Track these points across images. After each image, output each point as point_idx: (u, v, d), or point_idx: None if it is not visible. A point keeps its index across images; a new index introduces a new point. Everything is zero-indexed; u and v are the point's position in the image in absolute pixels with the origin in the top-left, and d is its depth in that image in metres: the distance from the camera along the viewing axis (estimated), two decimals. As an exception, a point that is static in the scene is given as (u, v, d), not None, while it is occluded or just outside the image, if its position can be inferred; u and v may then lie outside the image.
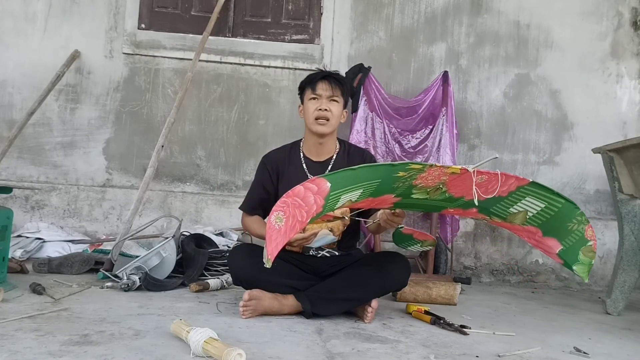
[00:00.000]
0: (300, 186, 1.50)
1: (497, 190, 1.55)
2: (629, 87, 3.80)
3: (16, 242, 2.95)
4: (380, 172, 1.52)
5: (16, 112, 3.47)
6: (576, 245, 1.72)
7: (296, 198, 1.49)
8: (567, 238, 1.71)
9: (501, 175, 1.53)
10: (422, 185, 1.57)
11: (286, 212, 1.49)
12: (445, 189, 1.60)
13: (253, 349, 1.49)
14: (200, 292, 2.37)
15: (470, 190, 1.56)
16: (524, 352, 1.69)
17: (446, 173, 1.52)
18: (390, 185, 1.56)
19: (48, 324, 1.63)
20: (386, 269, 2.00)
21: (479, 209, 1.72)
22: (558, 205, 1.63)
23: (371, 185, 1.55)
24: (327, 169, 2.14)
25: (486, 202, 1.64)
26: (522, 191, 1.61)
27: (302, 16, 3.70)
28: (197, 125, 3.60)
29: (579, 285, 3.57)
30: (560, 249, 1.73)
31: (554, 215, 1.66)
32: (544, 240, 1.75)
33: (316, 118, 2.07)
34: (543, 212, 1.65)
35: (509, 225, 1.79)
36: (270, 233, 1.48)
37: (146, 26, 3.60)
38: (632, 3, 3.81)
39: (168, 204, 3.46)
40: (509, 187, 1.58)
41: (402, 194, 1.63)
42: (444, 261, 3.27)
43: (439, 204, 1.74)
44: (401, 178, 1.52)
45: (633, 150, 2.45)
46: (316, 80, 2.10)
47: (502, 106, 3.72)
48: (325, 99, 2.08)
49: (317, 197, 1.50)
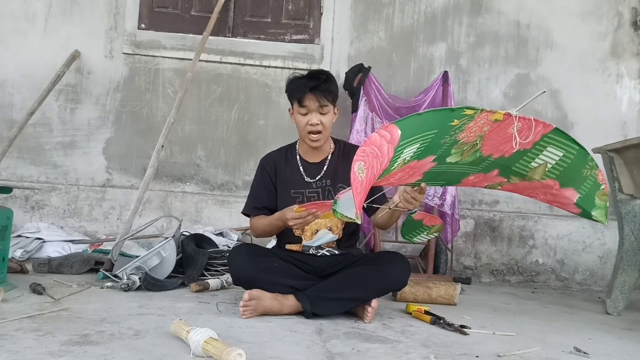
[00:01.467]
0: (375, 134, 1.44)
1: (528, 139, 1.56)
2: (629, 87, 3.80)
3: (16, 242, 2.95)
4: (439, 119, 1.49)
5: (16, 112, 3.47)
6: (591, 190, 1.71)
7: (374, 147, 1.44)
8: (583, 185, 1.71)
9: (534, 120, 1.53)
10: (464, 140, 1.56)
11: (366, 162, 1.44)
12: (480, 145, 1.59)
13: (253, 349, 1.49)
14: (200, 292, 2.37)
15: (501, 146, 1.57)
16: (524, 352, 1.69)
17: (489, 121, 1.52)
18: (441, 139, 1.54)
19: (48, 324, 1.63)
20: (386, 269, 2.00)
21: (500, 169, 1.70)
22: (574, 152, 1.64)
23: (427, 138, 1.52)
24: (323, 170, 2.16)
25: (511, 158, 1.64)
26: (545, 140, 1.61)
27: (302, 16, 3.70)
28: (197, 125, 3.60)
29: (579, 285, 3.57)
30: (577, 198, 1.72)
31: (570, 164, 1.66)
32: (561, 192, 1.73)
33: (309, 132, 2.06)
34: (561, 161, 1.65)
35: (525, 185, 1.76)
36: (355, 185, 1.43)
37: (146, 26, 3.60)
38: (632, 3, 3.81)
39: (168, 204, 3.46)
40: (535, 136, 1.58)
41: (440, 156, 1.62)
42: (444, 261, 3.28)
43: (465, 169, 1.71)
44: (453, 128, 1.51)
45: (633, 150, 2.45)
46: (302, 92, 2.04)
47: (502, 106, 3.72)
48: (315, 112, 2.05)
49: (389, 146, 1.46)
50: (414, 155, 1.57)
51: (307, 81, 2.06)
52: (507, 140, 1.57)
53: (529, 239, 3.61)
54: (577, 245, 3.61)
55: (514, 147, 1.56)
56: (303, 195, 2.14)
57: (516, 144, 1.54)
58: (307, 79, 2.08)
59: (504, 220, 3.60)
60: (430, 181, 1.77)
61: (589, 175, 1.68)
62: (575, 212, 1.77)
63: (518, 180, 1.75)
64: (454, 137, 1.55)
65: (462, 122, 1.50)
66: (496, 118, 1.51)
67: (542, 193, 1.78)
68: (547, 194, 1.77)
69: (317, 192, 2.14)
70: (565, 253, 3.61)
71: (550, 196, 1.77)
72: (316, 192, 2.14)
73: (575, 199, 1.73)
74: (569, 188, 1.71)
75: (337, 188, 2.14)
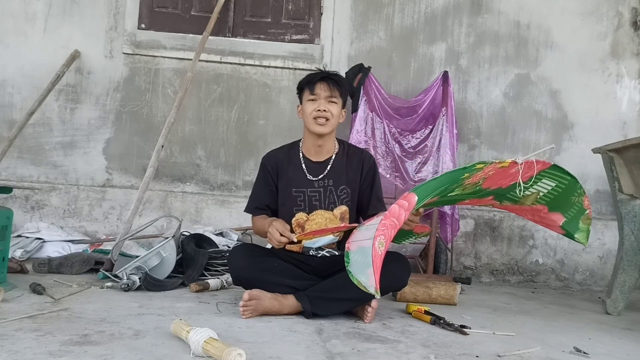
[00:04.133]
0: (395, 205, 1.54)
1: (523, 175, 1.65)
2: (629, 87, 3.80)
3: (16, 242, 2.95)
4: (453, 177, 1.60)
5: (16, 112, 3.47)
6: (577, 215, 1.83)
7: (393, 219, 1.53)
8: (570, 210, 1.82)
9: (536, 161, 1.63)
10: (469, 182, 1.65)
11: (386, 235, 1.52)
12: (481, 183, 1.68)
13: (253, 349, 1.49)
14: (200, 292, 2.37)
15: (500, 181, 1.66)
16: (524, 352, 1.69)
17: (496, 168, 1.61)
18: (448, 188, 1.64)
19: (48, 324, 1.63)
20: (386, 269, 1.98)
21: (495, 196, 1.81)
22: (565, 182, 1.74)
23: (438, 191, 1.62)
24: (326, 169, 2.15)
25: (507, 189, 1.74)
26: (541, 174, 1.70)
27: (302, 16, 3.70)
28: (197, 125, 3.60)
29: (579, 285, 3.57)
30: (563, 221, 1.84)
31: (561, 192, 1.76)
32: (549, 215, 1.86)
33: (315, 117, 2.08)
34: (553, 190, 1.76)
35: (516, 208, 1.88)
36: (376, 261, 1.49)
37: (146, 26, 3.60)
38: (632, 3, 3.81)
39: (168, 204, 3.46)
40: (532, 173, 1.67)
41: (442, 192, 1.69)
42: (444, 261, 3.27)
43: (462, 197, 1.81)
44: (463, 179, 1.61)
45: (633, 150, 2.45)
46: (315, 81, 2.09)
47: (502, 106, 3.72)
48: (324, 100, 2.08)
49: (406, 213, 1.55)
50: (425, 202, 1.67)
51: (320, 73, 2.13)
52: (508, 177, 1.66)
53: (529, 239, 3.61)
54: (577, 245, 3.61)
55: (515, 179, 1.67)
56: (304, 194, 2.14)
57: (519, 187, 1.67)
58: (318, 72, 2.15)
59: (504, 220, 3.60)
60: (426, 207, 1.86)
61: (577, 201, 1.80)
62: (560, 233, 1.90)
63: (510, 204, 1.87)
64: (461, 182, 1.64)
65: (471, 174, 1.59)
66: (502, 165, 1.61)
67: (531, 214, 1.90)
68: (535, 216, 1.89)
69: (319, 191, 2.14)
70: (565, 253, 3.61)
71: (537, 217, 1.89)
72: (318, 191, 2.14)
73: (561, 222, 1.85)
74: (556, 212, 1.83)
75: (339, 189, 2.13)
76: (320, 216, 2.12)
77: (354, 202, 2.15)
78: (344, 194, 2.13)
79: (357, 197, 2.16)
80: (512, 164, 1.60)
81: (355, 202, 2.16)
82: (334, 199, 2.13)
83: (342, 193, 2.13)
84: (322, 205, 2.13)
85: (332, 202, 2.13)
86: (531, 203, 1.80)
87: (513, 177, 1.66)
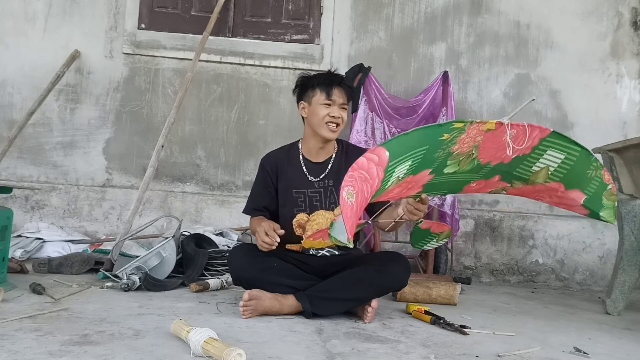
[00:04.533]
0: (362, 157, 1.46)
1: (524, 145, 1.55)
2: (629, 87, 3.80)
3: (16, 242, 2.95)
4: (428, 136, 1.50)
5: (16, 112, 3.47)
6: (598, 191, 1.69)
7: (361, 171, 1.46)
8: (589, 186, 1.69)
9: (528, 126, 1.53)
10: (458, 152, 1.57)
11: (355, 186, 1.45)
12: (476, 154, 1.60)
13: (253, 349, 1.49)
14: (200, 292, 2.37)
15: (498, 153, 1.57)
16: (524, 352, 1.69)
17: (482, 132, 1.52)
18: (433, 154, 1.55)
19: (48, 324, 1.63)
20: (386, 269, 1.99)
21: (502, 175, 1.70)
22: (575, 154, 1.62)
23: (418, 155, 1.53)
24: (326, 170, 2.16)
25: (510, 164, 1.64)
26: (544, 144, 1.60)
27: (302, 16, 3.70)
28: (197, 125, 3.60)
29: (579, 285, 3.57)
30: (584, 199, 1.70)
31: (573, 166, 1.64)
32: (567, 194, 1.71)
33: (327, 122, 2.07)
34: (563, 164, 1.64)
35: (529, 189, 1.75)
36: (345, 211, 1.44)
37: (146, 26, 3.60)
38: (632, 3, 3.81)
39: (168, 204, 3.46)
40: (532, 141, 1.58)
41: (436, 168, 1.62)
42: (444, 261, 3.28)
43: (465, 177, 1.71)
44: (444, 142, 1.52)
45: (633, 150, 2.45)
46: (332, 86, 2.07)
47: (502, 106, 3.72)
48: (338, 106, 2.08)
49: (378, 168, 1.47)
50: (408, 172, 1.58)
51: (334, 76, 2.11)
52: (503, 148, 1.56)
53: (529, 239, 3.61)
54: (577, 245, 3.61)
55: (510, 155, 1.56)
56: (305, 194, 2.14)
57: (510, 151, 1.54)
58: (332, 75, 2.12)
59: (504, 220, 3.60)
60: (430, 192, 1.77)
61: (594, 176, 1.66)
62: (583, 214, 1.75)
63: (521, 185, 1.75)
64: (447, 151, 1.55)
65: (453, 136, 1.50)
66: (488, 128, 1.51)
67: (548, 196, 1.76)
68: (552, 197, 1.75)
69: (319, 192, 2.14)
70: (565, 253, 3.61)
71: (556, 198, 1.75)
72: (318, 192, 2.14)
73: (582, 200, 1.71)
74: (574, 190, 1.70)
75: (339, 189, 2.13)
76: (321, 216, 2.12)
77: None
78: None
79: None
80: (498, 126, 1.50)
81: None
82: (334, 199, 2.13)
83: None
84: (322, 206, 2.13)
85: (332, 202, 2.13)
86: (543, 180, 1.68)
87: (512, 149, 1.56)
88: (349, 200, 1.44)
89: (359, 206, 1.47)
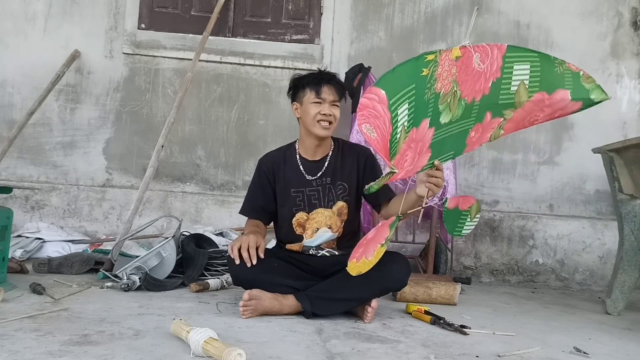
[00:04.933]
0: (363, 98, 1.53)
1: (491, 66, 1.66)
2: (629, 87, 3.80)
3: (16, 242, 2.95)
4: (409, 71, 1.59)
5: (16, 112, 3.47)
6: (575, 81, 1.74)
7: (368, 109, 1.52)
8: (565, 81, 1.73)
9: (488, 45, 1.65)
10: (443, 91, 1.64)
11: (370, 122, 1.51)
12: (459, 92, 1.67)
13: (253, 349, 1.49)
14: (200, 292, 2.37)
15: (476, 85, 1.66)
16: (524, 352, 1.69)
17: (452, 61, 1.62)
18: (423, 96, 1.63)
19: (48, 324, 1.63)
20: (386, 269, 1.99)
21: (491, 110, 1.74)
22: (536, 59, 1.70)
23: (411, 95, 1.61)
24: (323, 167, 2.16)
25: (492, 94, 1.70)
26: (508, 61, 1.68)
27: (302, 16, 3.70)
28: (197, 125, 3.60)
29: (579, 285, 3.57)
30: (570, 93, 1.74)
31: (541, 70, 1.71)
32: (553, 98, 1.73)
33: (319, 121, 2.07)
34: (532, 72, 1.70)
35: (521, 114, 1.76)
36: (373, 144, 1.53)
37: (146, 26, 3.60)
38: (632, 3, 3.81)
39: (168, 204, 3.46)
40: (497, 61, 1.67)
41: (433, 117, 1.68)
42: (444, 261, 3.27)
43: (461, 126, 1.74)
44: (427, 80, 1.61)
45: (633, 150, 2.45)
46: (321, 84, 2.08)
47: (502, 106, 3.71)
48: (329, 104, 2.08)
49: (382, 106, 1.54)
50: (410, 119, 1.63)
51: (323, 74, 2.12)
52: (478, 76, 1.66)
53: (529, 239, 3.61)
54: (577, 245, 3.61)
55: (487, 81, 1.65)
56: (303, 194, 2.15)
57: (483, 70, 1.64)
58: (321, 73, 2.13)
59: (504, 220, 3.60)
60: (440, 156, 1.77)
61: (563, 71, 1.72)
62: (577, 109, 1.75)
63: (512, 112, 1.76)
64: (433, 90, 1.64)
65: (432, 71, 1.60)
66: (456, 55, 1.62)
67: (540, 111, 1.76)
68: (544, 109, 1.76)
69: (318, 190, 2.15)
70: (565, 253, 3.61)
71: (548, 110, 1.75)
72: (316, 190, 2.15)
73: (568, 96, 1.73)
74: (557, 91, 1.72)
75: (337, 185, 2.14)
76: (321, 214, 2.13)
77: (351, 196, 2.16)
78: (341, 190, 2.14)
79: (355, 192, 2.17)
80: (463, 50, 1.62)
81: (353, 196, 2.16)
82: (332, 196, 2.14)
83: (339, 189, 2.14)
84: (321, 204, 2.14)
85: (331, 199, 2.14)
86: (527, 97, 1.72)
87: (485, 75, 1.66)
88: (371, 135, 1.51)
89: (383, 142, 1.54)
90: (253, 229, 2.14)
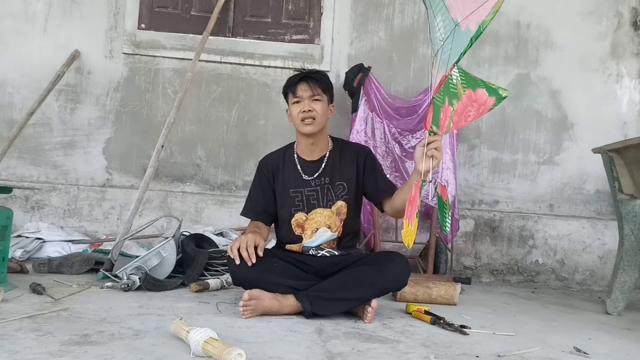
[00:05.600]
0: None
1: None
2: (629, 87, 3.80)
3: (16, 242, 2.95)
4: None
5: (16, 112, 3.47)
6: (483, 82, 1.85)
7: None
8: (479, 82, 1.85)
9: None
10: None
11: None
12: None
13: (253, 349, 1.49)
14: (200, 292, 2.37)
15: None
16: (524, 352, 1.69)
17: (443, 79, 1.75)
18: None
19: (48, 324, 1.63)
20: (386, 269, 2.00)
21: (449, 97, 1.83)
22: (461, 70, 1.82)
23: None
24: (321, 167, 2.17)
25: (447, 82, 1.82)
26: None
27: (302, 16, 3.70)
28: (197, 125, 3.60)
29: (579, 285, 3.57)
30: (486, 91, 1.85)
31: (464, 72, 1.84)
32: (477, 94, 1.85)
33: (302, 119, 2.09)
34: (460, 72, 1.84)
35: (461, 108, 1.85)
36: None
37: (146, 26, 3.60)
38: (632, 3, 3.81)
39: (168, 204, 3.46)
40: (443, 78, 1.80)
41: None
42: (444, 261, 3.27)
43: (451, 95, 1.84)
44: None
45: (633, 150, 2.45)
46: (294, 83, 2.12)
47: (502, 106, 3.71)
48: (308, 100, 2.09)
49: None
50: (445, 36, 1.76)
51: (299, 74, 2.15)
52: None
53: (529, 239, 3.61)
54: (577, 245, 3.61)
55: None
56: (302, 194, 2.15)
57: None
58: (298, 74, 2.16)
59: (504, 220, 3.60)
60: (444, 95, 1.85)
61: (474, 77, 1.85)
62: (492, 104, 1.85)
63: (457, 104, 1.86)
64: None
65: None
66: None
67: (470, 106, 1.87)
68: (473, 105, 1.86)
69: (316, 190, 2.15)
70: (565, 253, 3.61)
71: (475, 105, 1.86)
72: (315, 190, 2.15)
73: (485, 93, 1.86)
74: (477, 89, 1.86)
75: (335, 185, 2.14)
76: (320, 214, 2.13)
77: (351, 196, 2.16)
78: (340, 189, 2.14)
79: (354, 191, 2.17)
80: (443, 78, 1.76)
81: (352, 196, 2.16)
82: (331, 196, 2.14)
83: (338, 189, 2.14)
84: (320, 204, 2.14)
85: (330, 199, 2.14)
86: (463, 91, 1.84)
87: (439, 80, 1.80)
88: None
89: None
90: (253, 229, 2.14)
